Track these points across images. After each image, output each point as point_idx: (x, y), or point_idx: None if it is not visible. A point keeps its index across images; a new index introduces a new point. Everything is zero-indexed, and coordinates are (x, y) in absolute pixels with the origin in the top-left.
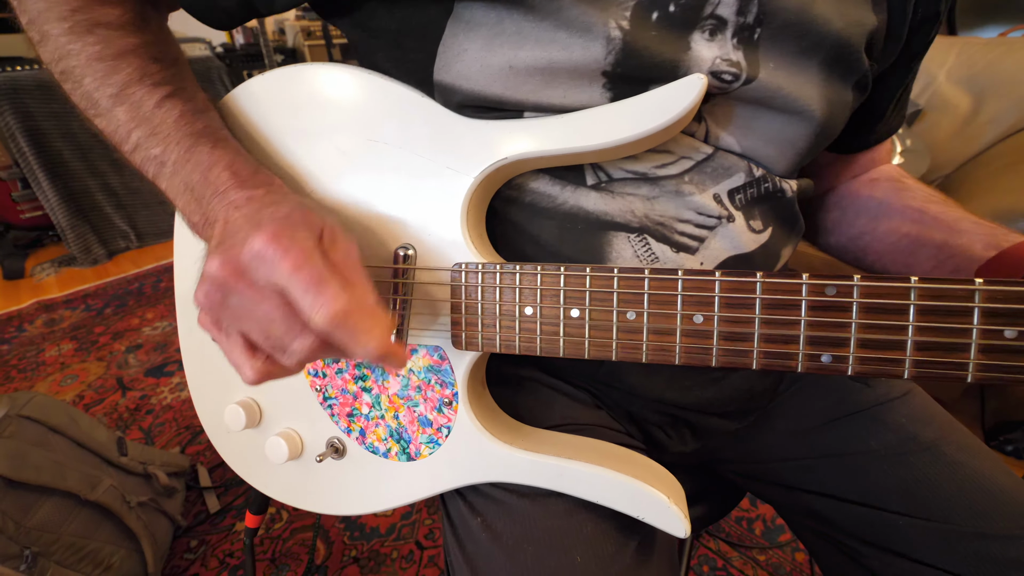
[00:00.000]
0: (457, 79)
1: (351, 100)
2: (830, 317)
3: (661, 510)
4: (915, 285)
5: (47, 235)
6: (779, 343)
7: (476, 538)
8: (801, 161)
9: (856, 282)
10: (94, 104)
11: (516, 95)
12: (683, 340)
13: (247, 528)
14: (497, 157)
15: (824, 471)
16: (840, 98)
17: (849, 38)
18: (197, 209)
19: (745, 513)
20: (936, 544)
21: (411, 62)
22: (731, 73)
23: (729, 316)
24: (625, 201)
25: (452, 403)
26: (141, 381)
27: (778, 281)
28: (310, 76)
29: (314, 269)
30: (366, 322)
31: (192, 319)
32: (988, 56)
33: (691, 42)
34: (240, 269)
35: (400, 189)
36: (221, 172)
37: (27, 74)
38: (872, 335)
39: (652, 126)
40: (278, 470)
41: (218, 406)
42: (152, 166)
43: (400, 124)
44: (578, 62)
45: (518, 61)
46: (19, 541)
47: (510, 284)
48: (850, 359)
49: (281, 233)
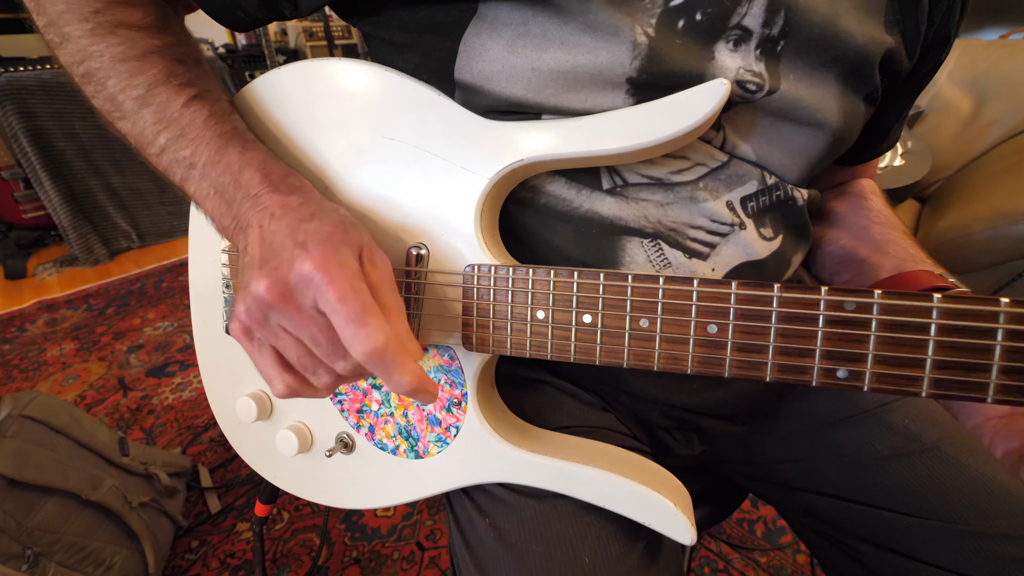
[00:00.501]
0: (478, 79)
1: (368, 96)
2: (848, 331)
3: (668, 517)
4: (937, 305)
5: (49, 235)
6: (794, 356)
7: (483, 538)
8: (813, 171)
9: (876, 299)
10: (118, 106)
11: (537, 98)
12: (696, 350)
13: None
14: (514, 158)
15: (828, 472)
16: (855, 110)
17: (868, 55)
18: (227, 212)
19: (746, 515)
20: (940, 544)
21: (432, 60)
22: (755, 83)
23: (744, 327)
24: (639, 206)
25: (462, 403)
26: (143, 381)
27: (796, 295)
28: (328, 70)
29: (359, 300)
30: (402, 356)
31: (207, 311)
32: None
33: (715, 52)
34: (287, 293)
35: (415, 188)
36: (253, 174)
37: (30, 74)
38: (890, 352)
39: (675, 130)
40: (287, 462)
41: (230, 397)
42: (181, 168)
43: (416, 122)
44: (603, 67)
45: (541, 63)
46: (21, 541)
47: (522, 288)
48: (867, 375)
49: (329, 259)
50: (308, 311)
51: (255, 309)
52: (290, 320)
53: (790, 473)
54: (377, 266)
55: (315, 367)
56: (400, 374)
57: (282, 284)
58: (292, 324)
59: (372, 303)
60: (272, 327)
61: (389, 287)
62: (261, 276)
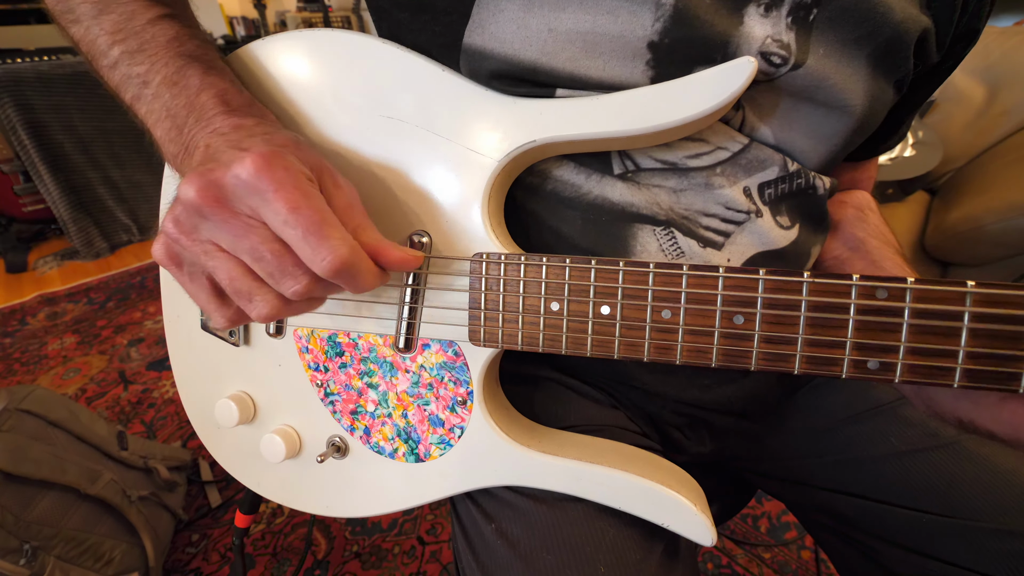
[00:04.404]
0: (490, 41)
1: (364, 70)
2: (880, 319)
3: (687, 517)
4: (971, 290)
5: (49, 228)
6: (824, 348)
7: (490, 545)
8: (833, 158)
9: (909, 284)
10: (71, 8)
11: (552, 62)
12: (721, 341)
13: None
14: (526, 139)
15: (843, 468)
16: (883, 95)
17: (904, 32)
18: (177, 138)
19: (750, 510)
20: (960, 542)
21: (440, 24)
22: (780, 56)
23: (772, 317)
24: (651, 193)
25: (467, 402)
26: (143, 375)
27: (826, 282)
28: (321, 41)
29: (313, 208)
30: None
31: (180, 306)
32: (1003, 46)
33: (744, 16)
34: (221, 197)
35: (416, 171)
36: (209, 99)
37: (27, 66)
38: (923, 342)
39: (697, 110)
40: (274, 468)
41: (208, 400)
42: (133, 86)
43: (417, 100)
44: (624, 28)
45: (559, 24)
46: (19, 535)
47: (535, 277)
48: (898, 366)
49: (274, 161)
50: (247, 220)
51: (184, 218)
52: (226, 230)
53: (803, 470)
54: (342, 188)
55: (253, 291)
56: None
57: (215, 187)
58: (228, 235)
59: (328, 211)
60: (203, 243)
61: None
62: (192, 178)
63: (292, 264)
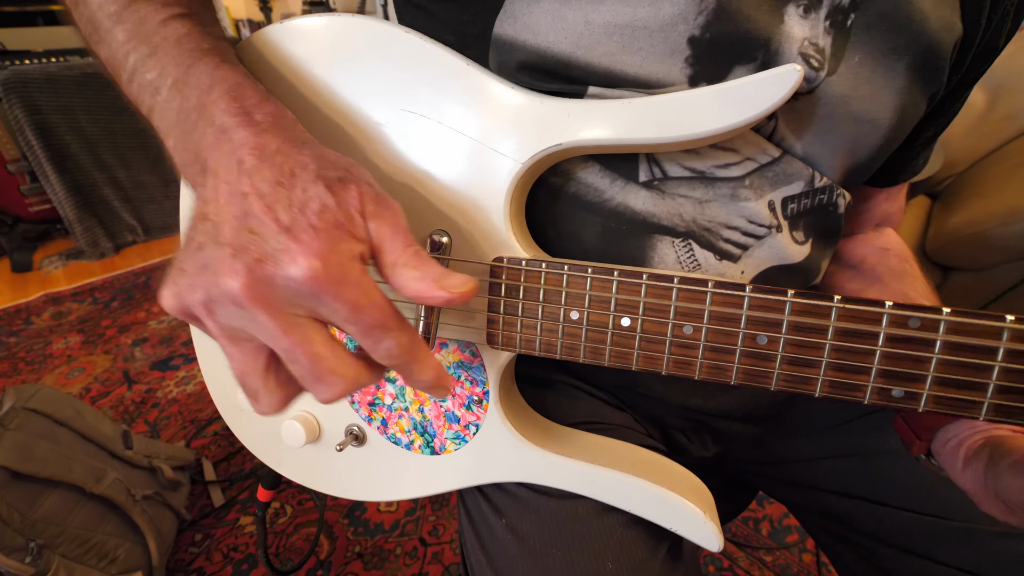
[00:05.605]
0: (522, 32)
1: (387, 62)
2: (909, 350)
3: (696, 524)
4: (1009, 325)
5: (55, 228)
6: (848, 373)
7: (500, 540)
8: (857, 175)
9: (944, 316)
10: (96, 27)
11: (587, 57)
12: (743, 360)
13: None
14: (551, 142)
15: (843, 471)
16: (915, 110)
17: (940, 42)
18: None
19: (752, 513)
20: (957, 544)
21: (469, 13)
22: (816, 60)
23: (797, 341)
24: (675, 203)
25: (483, 401)
26: (147, 374)
27: (857, 308)
28: (346, 27)
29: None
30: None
31: None
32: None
33: (785, 15)
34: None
35: (437, 168)
36: (220, 96)
37: (35, 67)
38: (952, 374)
39: (737, 120)
40: (294, 450)
41: (231, 384)
42: (147, 96)
43: (439, 95)
44: (665, 21)
45: (597, 16)
46: (24, 533)
47: (556, 286)
48: (924, 397)
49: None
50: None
51: (221, 309)
52: (265, 330)
53: (805, 472)
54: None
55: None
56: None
57: (263, 285)
58: (265, 333)
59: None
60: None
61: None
62: (235, 268)
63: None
